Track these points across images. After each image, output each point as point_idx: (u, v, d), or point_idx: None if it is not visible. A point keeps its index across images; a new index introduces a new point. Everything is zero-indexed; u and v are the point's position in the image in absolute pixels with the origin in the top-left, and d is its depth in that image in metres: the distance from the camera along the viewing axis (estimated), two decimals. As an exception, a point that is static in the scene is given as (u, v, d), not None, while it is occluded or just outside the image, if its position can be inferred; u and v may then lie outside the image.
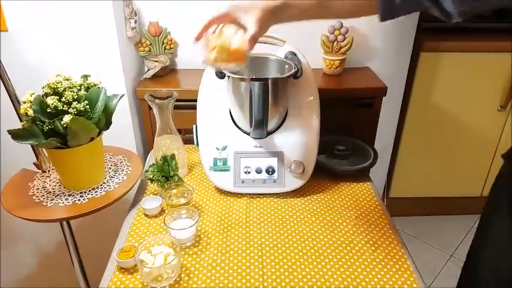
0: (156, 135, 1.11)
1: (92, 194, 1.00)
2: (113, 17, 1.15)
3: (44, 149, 1.07)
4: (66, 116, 0.87)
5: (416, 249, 1.83)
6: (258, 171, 1.04)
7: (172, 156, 1.05)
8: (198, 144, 1.09)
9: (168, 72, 1.42)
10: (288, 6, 0.75)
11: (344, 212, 1.01)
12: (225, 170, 1.05)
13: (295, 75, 0.98)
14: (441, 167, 1.86)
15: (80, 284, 1.21)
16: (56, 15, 1.14)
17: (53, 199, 0.99)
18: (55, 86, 0.90)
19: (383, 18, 0.69)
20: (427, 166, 1.86)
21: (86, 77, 0.97)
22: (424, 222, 1.99)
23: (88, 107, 0.92)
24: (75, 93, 0.91)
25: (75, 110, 0.89)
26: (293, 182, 1.05)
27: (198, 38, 0.79)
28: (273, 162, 1.04)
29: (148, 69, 1.38)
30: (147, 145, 1.42)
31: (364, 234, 0.93)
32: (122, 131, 1.30)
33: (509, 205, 0.79)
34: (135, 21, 1.29)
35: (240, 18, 0.76)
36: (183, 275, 0.83)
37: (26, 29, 1.15)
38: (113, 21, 1.16)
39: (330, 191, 1.09)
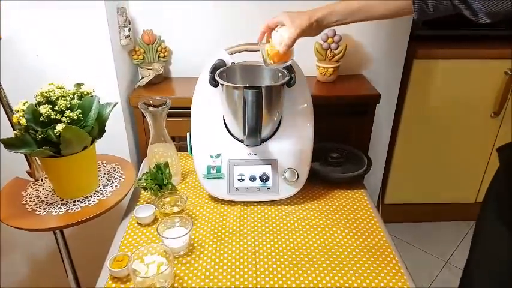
0: (149, 143, 1.11)
1: (85, 203, 0.99)
2: (106, 25, 1.15)
3: (37, 158, 1.06)
4: (59, 124, 0.87)
5: (411, 256, 1.83)
6: (252, 179, 1.04)
7: (166, 164, 1.05)
8: (191, 152, 1.08)
9: (162, 80, 1.43)
10: (332, 14, 0.85)
11: (338, 220, 1.01)
12: (218, 178, 1.05)
13: (289, 83, 0.99)
14: (436, 173, 1.87)
15: (73, 293, 1.20)
16: (49, 24, 1.14)
17: (45, 208, 0.98)
18: (48, 95, 0.90)
19: (418, 19, 0.79)
20: (421, 173, 1.86)
21: (79, 85, 0.97)
22: (419, 229, 1.99)
23: (81, 115, 0.91)
24: (68, 102, 0.91)
25: (68, 118, 0.89)
26: (287, 190, 1.05)
27: (259, 40, 0.95)
28: (267, 169, 1.05)
29: (142, 77, 1.38)
30: (141, 153, 1.42)
31: (358, 242, 0.93)
32: (116, 138, 1.30)
33: (496, 205, 0.80)
34: (129, 30, 1.29)
35: (287, 25, 0.87)
36: (176, 285, 0.82)
37: (19, 37, 1.15)
38: (107, 30, 1.16)
39: (324, 199, 1.09)
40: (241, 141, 1.05)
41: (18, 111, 0.89)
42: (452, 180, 1.89)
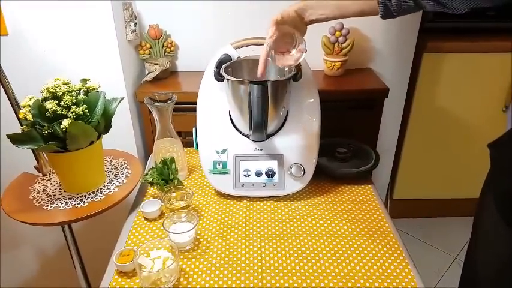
0: (155, 138, 1.11)
1: (92, 198, 1.00)
2: (112, 20, 1.15)
3: (44, 153, 1.07)
4: (65, 120, 0.87)
5: (420, 252, 1.82)
6: (258, 174, 1.04)
7: (172, 160, 1.05)
8: (197, 147, 1.08)
9: (168, 75, 1.42)
10: (311, 7, 0.85)
11: (345, 215, 1.00)
12: (224, 173, 1.04)
13: (295, 78, 0.98)
14: (445, 168, 1.84)
15: (82, 286, 1.21)
16: (55, 19, 1.14)
17: (53, 203, 0.99)
18: (54, 90, 0.90)
19: (383, 17, 0.81)
20: (431, 167, 1.84)
21: (85, 80, 0.97)
22: (428, 224, 1.97)
23: (87, 111, 0.92)
24: (73, 97, 0.91)
25: (74, 114, 0.89)
26: (293, 185, 1.05)
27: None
28: (273, 165, 1.04)
29: (149, 72, 1.38)
30: (147, 148, 1.42)
31: (365, 238, 0.93)
32: (123, 134, 1.30)
33: (493, 196, 0.81)
34: (135, 24, 1.29)
35: None
36: (182, 279, 0.82)
37: (26, 33, 1.15)
38: (113, 25, 1.16)
39: (331, 194, 1.08)
40: (247, 137, 1.04)
41: (24, 106, 0.90)
42: (462, 175, 1.87)
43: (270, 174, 1.04)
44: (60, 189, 1.04)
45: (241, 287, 0.80)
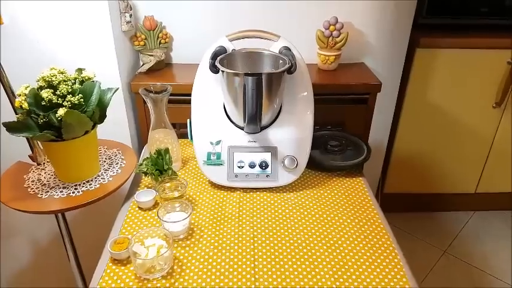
0: (150, 129, 1.12)
1: (87, 187, 1.01)
2: (107, 10, 1.15)
3: (39, 142, 1.07)
4: (60, 109, 0.88)
5: (410, 245, 1.85)
6: (252, 166, 1.05)
7: (166, 150, 1.05)
8: (192, 139, 1.09)
9: (163, 66, 1.43)
10: None
11: (336, 207, 1.02)
12: (218, 164, 1.06)
13: (289, 71, 0.99)
14: (436, 163, 1.87)
15: (75, 276, 1.22)
16: (50, 9, 1.14)
17: (47, 191, 0.99)
18: (49, 79, 0.90)
19: None
20: (421, 162, 1.87)
21: (80, 70, 0.98)
22: (418, 218, 2.00)
23: (82, 100, 0.92)
24: (69, 87, 0.91)
25: (69, 103, 0.89)
26: (286, 177, 1.06)
27: None
28: (267, 157, 1.05)
29: (144, 63, 1.38)
30: (142, 139, 1.43)
31: (355, 229, 0.94)
32: (117, 124, 1.30)
33: None
34: (130, 15, 1.29)
35: None
36: (175, 267, 0.84)
37: (21, 23, 1.15)
38: (108, 15, 1.16)
39: (323, 186, 1.10)
40: (242, 128, 1.06)
41: (20, 95, 0.90)
42: (453, 170, 1.90)
43: (263, 165, 1.05)
44: (54, 178, 1.04)
45: (234, 275, 0.82)
